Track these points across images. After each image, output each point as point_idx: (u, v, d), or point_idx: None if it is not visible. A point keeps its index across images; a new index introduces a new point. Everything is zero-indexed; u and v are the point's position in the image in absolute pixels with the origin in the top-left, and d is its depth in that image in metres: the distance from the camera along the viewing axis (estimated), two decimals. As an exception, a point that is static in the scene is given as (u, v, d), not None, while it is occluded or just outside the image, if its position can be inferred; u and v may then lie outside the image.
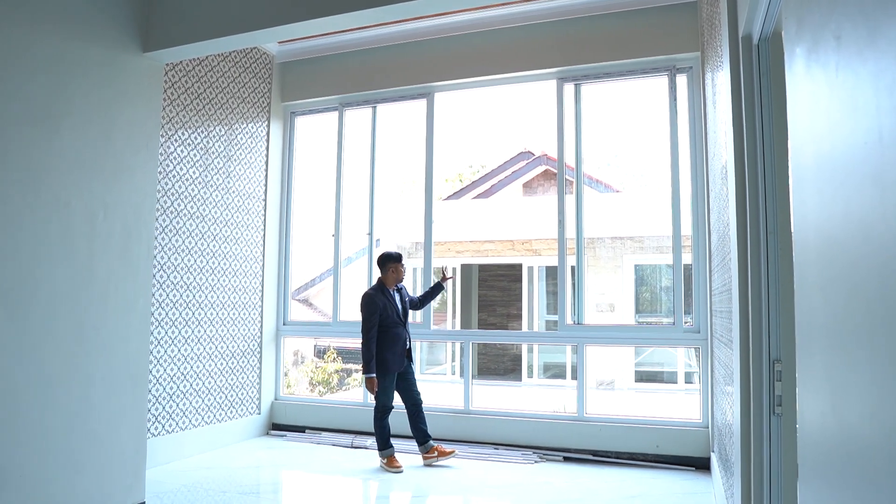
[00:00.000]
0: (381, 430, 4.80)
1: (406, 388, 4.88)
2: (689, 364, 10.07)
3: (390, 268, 4.90)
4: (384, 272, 4.93)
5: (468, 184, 13.25)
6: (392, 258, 4.92)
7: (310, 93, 6.16)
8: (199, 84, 5.23)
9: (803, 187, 1.19)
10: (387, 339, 4.76)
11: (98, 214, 3.52)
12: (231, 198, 5.57)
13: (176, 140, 4.97)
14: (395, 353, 4.78)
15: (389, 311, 4.81)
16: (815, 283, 1.11)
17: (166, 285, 4.85)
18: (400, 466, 4.69)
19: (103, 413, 3.54)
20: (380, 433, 4.80)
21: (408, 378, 4.90)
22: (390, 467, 4.69)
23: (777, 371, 2.05)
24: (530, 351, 11.16)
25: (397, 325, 4.84)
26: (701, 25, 4.61)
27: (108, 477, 3.55)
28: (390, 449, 4.78)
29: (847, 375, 0.93)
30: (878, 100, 0.73)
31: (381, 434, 4.80)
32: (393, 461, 4.72)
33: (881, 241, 0.74)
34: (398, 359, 4.80)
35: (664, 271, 10.41)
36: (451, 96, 5.94)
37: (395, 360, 4.77)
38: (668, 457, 4.77)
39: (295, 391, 9.54)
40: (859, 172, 0.82)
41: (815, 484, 1.17)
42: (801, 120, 1.19)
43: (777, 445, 2.07)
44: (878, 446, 0.77)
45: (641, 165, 12.36)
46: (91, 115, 3.49)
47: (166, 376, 4.85)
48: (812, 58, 1.06)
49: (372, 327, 4.72)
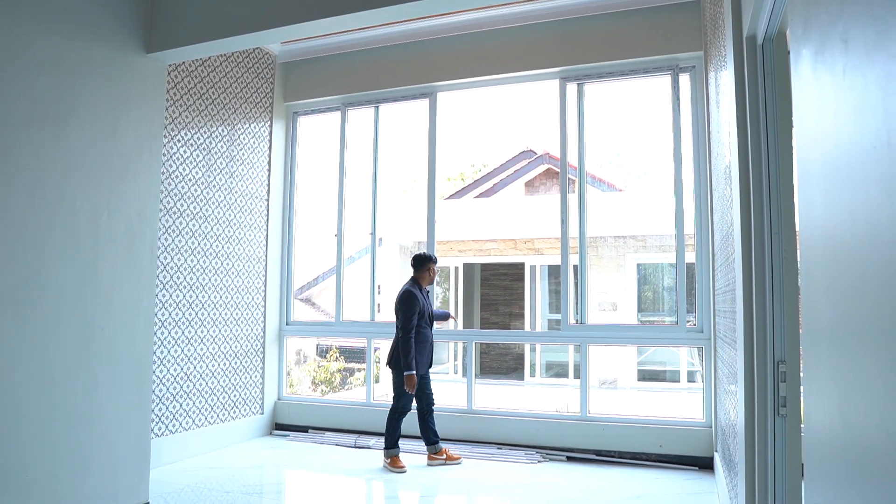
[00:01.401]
0: (393, 431, 4.79)
1: (421, 388, 4.89)
2: (691, 363, 10.06)
3: (427, 267, 4.96)
4: (420, 272, 4.96)
5: (470, 183, 13.25)
6: (430, 259, 4.99)
7: (312, 93, 6.17)
8: (202, 84, 5.24)
9: (809, 189, 1.19)
10: (417, 339, 4.78)
11: (102, 215, 3.52)
12: (234, 198, 5.58)
13: (179, 141, 4.97)
14: (423, 353, 4.81)
15: (424, 311, 4.85)
16: (822, 285, 1.11)
17: (170, 286, 4.86)
18: (403, 467, 4.69)
19: (108, 413, 3.54)
20: (392, 433, 4.79)
21: (425, 378, 4.91)
22: (394, 467, 4.69)
23: (781, 372, 2.05)
24: (533, 350, 11.17)
25: (427, 326, 4.88)
26: (704, 25, 4.61)
27: (112, 477, 3.56)
28: (396, 449, 4.79)
29: (853, 377, 0.93)
30: (886, 103, 0.73)
31: (393, 434, 4.79)
32: (397, 461, 4.73)
33: (888, 243, 0.74)
34: (426, 360, 4.84)
35: (667, 270, 10.40)
36: (454, 96, 5.94)
37: (423, 362, 4.81)
38: (672, 456, 4.77)
39: (298, 391, 9.56)
40: (866, 175, 0.82)
41: (820, 485, 1.17)
42: (808, 121, 1.19)
43: (781, 446, 2.07)
44: (885, 448, 0.77)
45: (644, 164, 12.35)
46: (95, 116, 3.50)
47: (170, 377, 4.86)
48: (819, 59, 1.06)
49: (414, 325, 4.73)
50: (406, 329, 4.72)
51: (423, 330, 4.83)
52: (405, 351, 4.69)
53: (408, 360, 4.67)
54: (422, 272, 4.96)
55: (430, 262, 4.98)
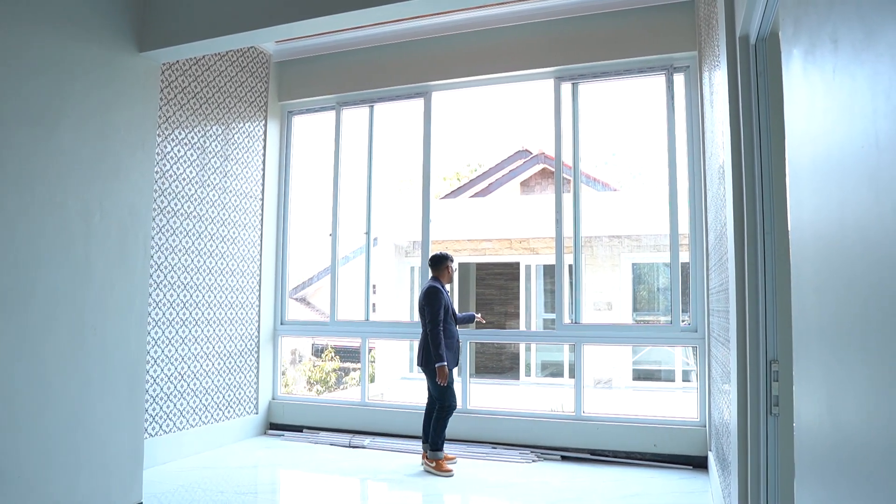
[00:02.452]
0: (441, 431, 4.72)
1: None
2: (686, 362, 10.09)
3: (446, 266, 5.01)
4: (439, 270, 5.00)
5: (465, 182, 13.24)
6: (447, 258, 5.04)
7: (307, 92, 6.16)
8: (196, 83, 5.22)
9: (800, 188, 1.19)
10: (444, 335, 4.77)
11: (94, 214, 3.51)
12: (228, 197, 5.57)
13: (172, 140, 4.96)
14: (451, 349, 4.81)
15: (449, 308, 4.88)
16: (811, 284, 1.12)
17: (163, 285, 4.85)
18: (451, 470, 4.63)
19: (101, 413, 3.53)
20: (439, 433, 4.72)
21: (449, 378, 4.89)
22: (440, 471, 4.61)
23: (774, 371, 2.06)
24: (528, 350, 11.17)
25: (452, 323, 4.91)
26: (698, 25, 4.62)
27: (105, 477, 3.55)
28: (442, 452, 4.73)
29: (843, 375, 0.93)
30: (874, 103, 0.73)
31: (440, 435, 4.72)
32: (443, 464, 4.65)
33: (876, 243, 0.75)
34: (454, 355, 4.85)
35: (661, 270, 10.42)
36: (449, 95, 5.94)
37: (451, 358, 4.81)
38: (666, 456, 4.78)
39: (293, 390, 9.54)
40: (855, 174, 0.82)
41: (811, 483, 1.17)
42: (798, 121, 1.19)
43: (774, 445, 2.08)
44: (874, 446, 0.78)
45: (639, 164, 12.37)
46: (88, 115, 3.48)
47: (164, 376, 4.84)
48: (809, 59, 1.06)
49: (441, 320, 4.74)
50: (434, 321, 4.74)
51: (449, 326, 4.84)
52: (436, 343, 4.69)
53: (438, 352, 4.67)
54: (440, 271, 5.00)
55: (448, 260, 5.04)
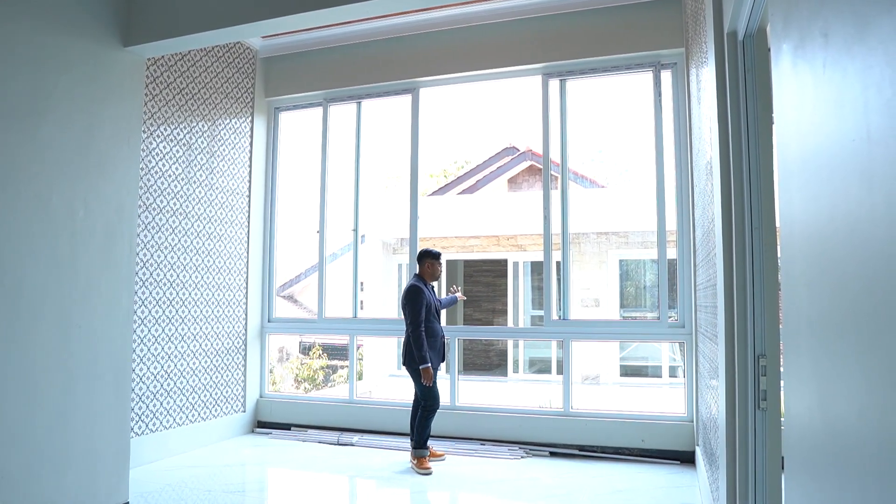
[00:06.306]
0: (424, 430, 4.71)
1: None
2: (673, 358, 10.15)
3: (427, 263, 4.93)
4: (421, 267, 4.95)
5: (453, 179, 13.23)
6: (430, 254, 4.95)
7: (294, 88, 6.11)
8: (182, 79, 5.17)
9: (789, 184, 1.20)
10: (427, 334, 4.74)
11: (79, 211, 3.46)
12: (214, 194, 5.52)
13: (158, 136, 4.90)
14: (435, 348, 4.78)
15: (431, 305, 4.83)
16: (801, 279, 1.12)
17: (149, 283, 4.80)
18: (430, 468, 4.61)
19: (86, 412, 3.49)
20: (422, 432, 4.70)
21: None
22: (421, 468, 4.60)
23: (762, 366, 2.07)
24: (516, 346, 11.19)
25: (435, 320, 4.86)
26: (685, 21, 4.63)
27: (91, 477, 3.51)
28: (427, 450, 4.73)
29: (833, 370, 0.93)
30: (866, 97, 0.73)
31: (423, 433, 4.71)
32: (424, 462, 4.65)
33: (867, 237, 0.75)
34: (438, 354, 4.81)
35: (649, 266, 10.48)
36: (436, 92, 5.92)
37: (435, 357, 4.78)
38: (654, 451, 4.81)
39: (280, 388, 9.49)
40: (846, 169, 0.82)
41: (800, 477, 1.18)
42: (788, 117, 1.19)
43: (762, 440, 2.09)
44: (864, 440, 0.78)
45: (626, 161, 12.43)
46: (72, 111, 3.43)
47: (150, 375, 4.80)
48: (799, 54, 1.06)
49: (422, 320, 4.70)
50: (416, 323, 4.70)
51: (432, 324, 4.80)
52: (418, 345, 4.65)
53: (421, 354, 4.64)
54: (423, 268, 4.95)
55: (430, 257, 4.94)
